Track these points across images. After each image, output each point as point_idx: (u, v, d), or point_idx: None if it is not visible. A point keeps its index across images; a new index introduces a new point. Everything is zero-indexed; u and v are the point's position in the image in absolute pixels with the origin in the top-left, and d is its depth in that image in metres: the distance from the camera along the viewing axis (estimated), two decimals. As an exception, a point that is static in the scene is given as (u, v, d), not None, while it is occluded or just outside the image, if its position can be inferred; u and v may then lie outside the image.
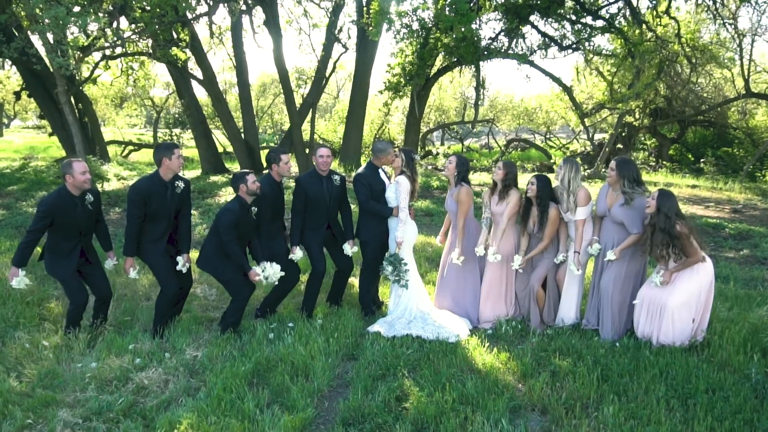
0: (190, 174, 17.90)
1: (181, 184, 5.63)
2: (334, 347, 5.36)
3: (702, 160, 22.33)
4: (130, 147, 27.10)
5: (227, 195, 13.76)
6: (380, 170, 6.32)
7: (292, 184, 6.69)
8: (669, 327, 5.32)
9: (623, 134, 22.46)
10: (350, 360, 5.33)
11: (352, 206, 6.71)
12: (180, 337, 5.55)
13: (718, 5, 15.59)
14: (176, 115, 29.32)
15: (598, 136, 27.24)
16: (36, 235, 5.25)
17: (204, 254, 5.75)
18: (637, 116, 22.08)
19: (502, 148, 26.94)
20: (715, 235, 10.75)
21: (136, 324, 6.06)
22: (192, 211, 12.25)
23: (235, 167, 19.45)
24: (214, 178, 16.87)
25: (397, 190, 6.11)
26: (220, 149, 22.49)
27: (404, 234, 6.14)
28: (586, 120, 19.77)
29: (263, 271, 5.60)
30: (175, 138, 27.56)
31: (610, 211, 5.72)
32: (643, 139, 25.24)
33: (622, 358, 5.13)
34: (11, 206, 12.39)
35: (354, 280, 7.40)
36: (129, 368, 4.90)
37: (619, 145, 22.40)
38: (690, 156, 23.73)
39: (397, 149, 6.43)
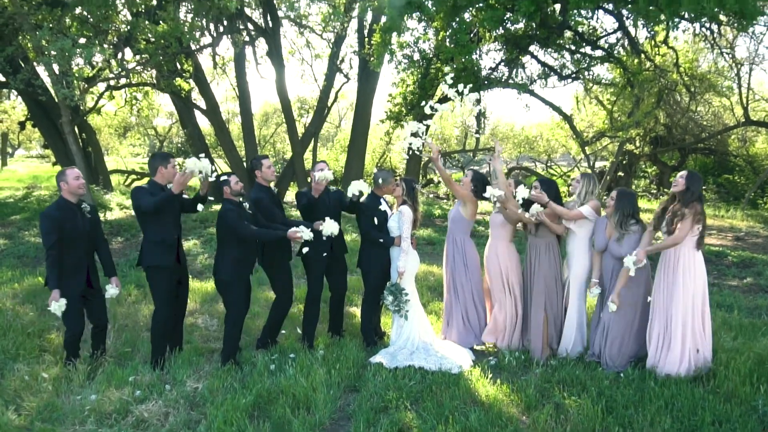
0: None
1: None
2: (336, 379, 5.30)
3: (703, 187, 22.32)
4: (133, 176, 27.22)
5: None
6: (382, 200, 6.34)
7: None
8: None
9: (624, 162, 22.54)
10: (352, 392, 5.27)
11: (355, 235, 6.72)
12: (181, 369, 5.51)
13: (715, 35, 15.75)
14: (179, 145, 29.52)
15: (599, 164, 27.33)
16: (55, 249, 5.20)
17: (218, 271, 5.74)
18: (637, 144, 22.18)
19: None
20: (717, 263, 10.71)
21: (136, 355, 6.01)
22: (194, 240, 12.27)
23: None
24: (216, 207, 16.88)
25: (400, 220, 6.12)
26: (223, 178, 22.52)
27: (406, 264, 6.13)
28: (586, 148, 19.85)
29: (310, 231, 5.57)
30: (178, 167, 27.69)
31: (609, 247, 5.72)
32: (644, 166, 25.32)
33: (627, 389, 5.07)
34: (13, 236, 12.40)
35: (356, 310, 7.37)
36: (129, 401, 4.86)
37: (620, 173, 22.47)
38: (691, 183, 23.69)
39: (398, 178, 6.46)
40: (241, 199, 5.76)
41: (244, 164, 18.40)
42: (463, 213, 6.32)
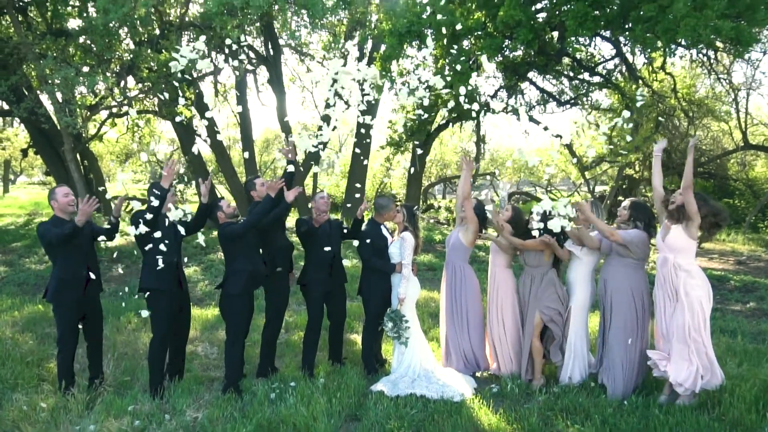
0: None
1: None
2: (337, 407, 5.24)
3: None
4: (134, 202, 27.25)
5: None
6: (382, 226, 6.35)
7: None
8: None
9: (624, 186, 22.60)
10: (353, 420, 5.21)
11: (356, 261, 6.72)
12: (180, 398, 5.45)
13: (712, 61, 15.94)
14: (180, 171, 29.62)
15: (599, 188, 27.39)
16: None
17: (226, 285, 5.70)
18: (637, 169, 22.26)
19: (503, 201, 27.09)
20: (720, 288, 10.67)
21: (135, 384, 5.96)
22: (194, 267, 12.26)
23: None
24: (215, 234, 16.89)
25: (402, 246, 6.11)
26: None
27: (407, 290, 6.11)
28: (586, 173, 19.95)
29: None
30: (178, 194, 27.80)
31: (613, 243, 5.65)
32: (644, 191, 25.36)
33: (631, 417, 5.01)
34: (14, 263, 12.40)
35: (356, 337, 7.32)
36: (128, 431, 4.80)
37: (620, 197, 22.49)
38: (691, 207, 23.76)
39: (399, 205, 6.47)
40: (236, 220, 5.79)
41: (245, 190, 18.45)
42: (462, 239, 6.30)
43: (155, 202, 5.25)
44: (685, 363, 5.20)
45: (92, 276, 5.51)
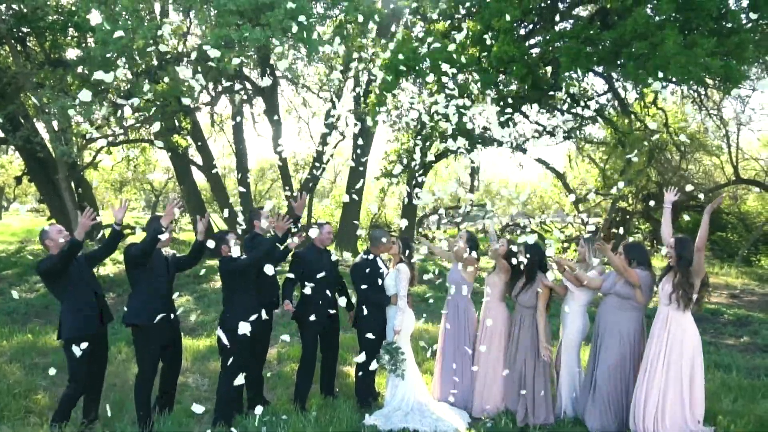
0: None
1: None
2: (329, 442, 5.17)
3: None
4: (128, 231, 27.19)
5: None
6: (378, 258, 6.34)
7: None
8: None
9: (617, 219, 22.71)
10: (346, 455, 5.13)
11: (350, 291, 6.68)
12: (170, 431, 5.36)
13: (703, 97, 16.20)
14: (175, 200, 29.63)
15: (592, 221, 27.51)
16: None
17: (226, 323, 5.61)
18: (630, 201, 22.41)
19: (498, 233, 27.17)
20: (714, 321, 10.66)
21: (125, 417, 5.86)
22: (186, 296, 12.17)
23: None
24: (210, 262, 16.81)
25: (398, 278, 6.10)
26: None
27: (402, 323, 6.08)
28: (580, 205, 20.07)
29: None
30: (174, 223, 27.77)
31: (615, 285, 5.64)
32: (637, 223, 25.50)
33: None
34: (4, 291, 12.28)
35: (350, 370, 7.25)
36: (115, 465, 4.71)
37: (614, 230, 22.60)
38: (684, 240, 23.89)
39: (394, 237, 6.46)
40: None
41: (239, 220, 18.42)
42: (463, 275, 6.29)
43: (151, 239, 5.23)
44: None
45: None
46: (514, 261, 5.86)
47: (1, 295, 11.95)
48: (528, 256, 5.86)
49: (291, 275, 6.09)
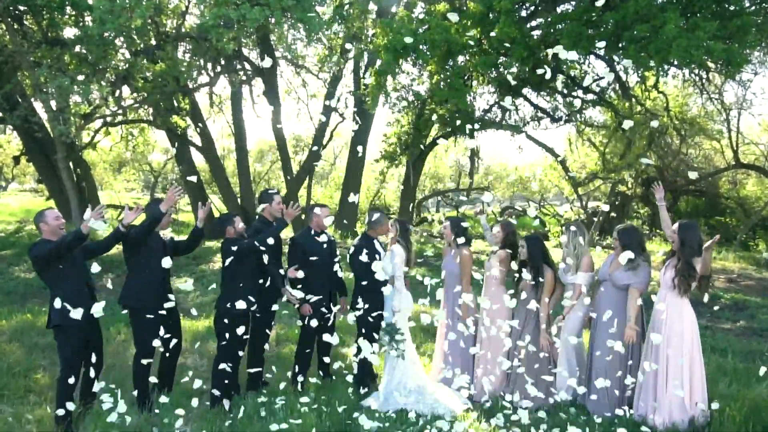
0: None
1: None
2: (327, 422, 5.21)
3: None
4: (133, 205, 27.17)
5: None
6: (375, 241, 6.34)
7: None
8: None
9: (616, 203, 22.71)
10: (343, 436, 5.18)
11: (349, 274, 6.69)
12: (169, 411, 5.40)
13: (704, 81, 16.11)
14: (174, 181, 29.61)
15: (591, 204, 27.51)
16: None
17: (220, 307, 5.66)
18: (629, 185, 22.40)
19: (496, 215, 27.15)
20: (711, 306, 10.69)
21: (124, 396, 5.88)
22: (186, 278, 12.20)
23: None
24: (209, 244, 16.83)
25: (392, 259, 6.10)
26: (217, 214, 22.59)
27: (400, 303, 6.09)
28: (579, 189, 20.05)
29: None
30: (173, 206, 27.75)
31: (611, 275, 5.66)
32: (636, 207, 25.49)
33: (622, 435, 4.99)
34: (3, 271, 12.29)
35: (348, 352, 7.29)
36: (115, 444, 4.75)
37: (613, 214, 22.61)
38: (683, 225, 23.93)
39: (392, 219, 6.46)
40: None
41: (239, 200, 18.43)
42: (457, 264, 6.28)
43: (150, 223, 5.25)
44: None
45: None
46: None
47: (0, 275, 11.96)
48: (529, 251, 5.87)
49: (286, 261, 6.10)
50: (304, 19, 10.91)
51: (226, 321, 5.61)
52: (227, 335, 5.58)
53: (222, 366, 5.51)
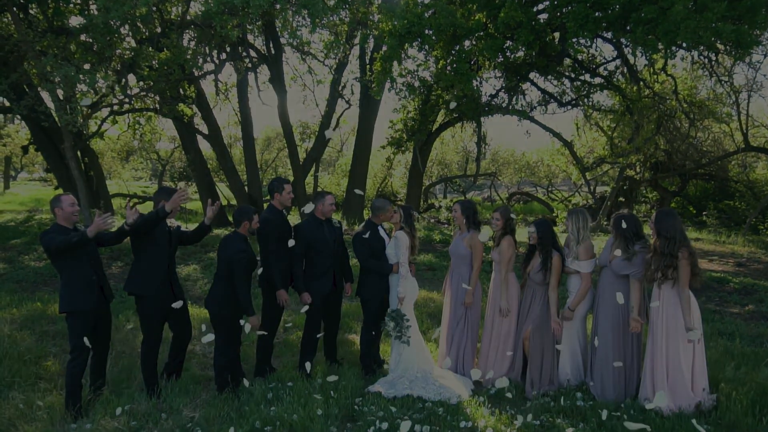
0: (194, 227, 17.95)
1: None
2: (334, 408, 5.25)
3: (704, 213, 22.40)
4: (134, 200, 27.32)
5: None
6: (379, 227, 6.34)
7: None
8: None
9: (625, 187, 22.59)
10: (350, 421, 5.21)
11: (354, 261, 6.71)
12: (177, 397, 5.46)
13: (713, 63, 15.91)
14: (181, 169, 29.68)
15: (599, 189, 27.39)
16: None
17: (213, 296, 5.70)
18: (638, 170, 22.26)
19: (504, 201, 27.10)
20: (719, 290, 10.66)
21: (133, 383, 5.96)
22: (194, 265, 12.26)
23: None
24: (217, 231, 16.91)
25: (396, 246, 6.11)
26: (224, 202, 22.67)
27: (405, 290, 6.11)
28: (587, 174, 19.93)
29: None
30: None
31: (611, 263, 5.66)
32: (644, 192, 25.36)
33: (628, 420, 5.00)
34: (13, 260, 12.39)
35: (355, 338, 7.32)
36: (124, 430, 4.80)
37: (621, 198, 22.50)
38: (692, 209, 23.82)
39: (396, 206, 6.46)
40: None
41: (245, 188, 18.47)
42: (467, 246, 6.28)
43: (154, 220, 5.30)
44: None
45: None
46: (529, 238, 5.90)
47: (11, 264, 12.06)
48: (540, 235, 5.86)
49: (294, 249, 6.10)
50: (307, 5, 10.82)
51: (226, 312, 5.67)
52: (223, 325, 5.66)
53: (225, 355, 5.62)
